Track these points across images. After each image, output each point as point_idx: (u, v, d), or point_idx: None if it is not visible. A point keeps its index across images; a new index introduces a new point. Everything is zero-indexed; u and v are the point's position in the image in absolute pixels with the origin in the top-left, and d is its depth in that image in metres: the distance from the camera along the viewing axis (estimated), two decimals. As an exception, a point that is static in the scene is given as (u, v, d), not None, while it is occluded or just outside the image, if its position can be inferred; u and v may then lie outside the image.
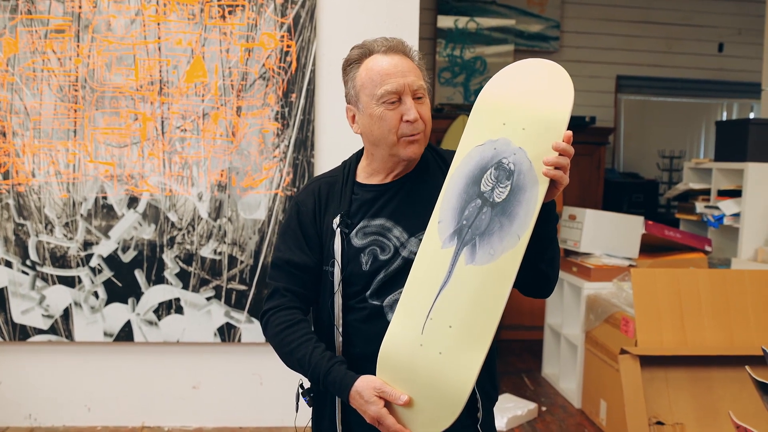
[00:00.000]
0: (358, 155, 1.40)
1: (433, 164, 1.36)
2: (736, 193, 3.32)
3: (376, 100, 1.25)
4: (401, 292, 1.25)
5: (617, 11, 5.87)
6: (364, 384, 1.18)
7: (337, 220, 1.31)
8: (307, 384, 1.36)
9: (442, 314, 1.14)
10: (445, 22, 5.75)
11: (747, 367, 1.39)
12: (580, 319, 3.21)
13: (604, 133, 5.43)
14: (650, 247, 3.48)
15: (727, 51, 6.00)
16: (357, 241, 1.30)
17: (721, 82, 6.07)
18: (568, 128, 1.11)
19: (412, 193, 1.32)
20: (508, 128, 1.17)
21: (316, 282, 1.34)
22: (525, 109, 1.15)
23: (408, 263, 1.26)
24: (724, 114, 6.33)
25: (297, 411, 1.37)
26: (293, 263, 1.33)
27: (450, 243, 1.16)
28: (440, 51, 5.77)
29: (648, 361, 2.31)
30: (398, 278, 1.27)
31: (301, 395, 1.35)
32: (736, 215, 3.26)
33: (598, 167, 5.37)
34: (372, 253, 1.29)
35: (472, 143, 1.21)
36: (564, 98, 1.11)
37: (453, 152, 1.39)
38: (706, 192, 3.61)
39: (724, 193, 3.42)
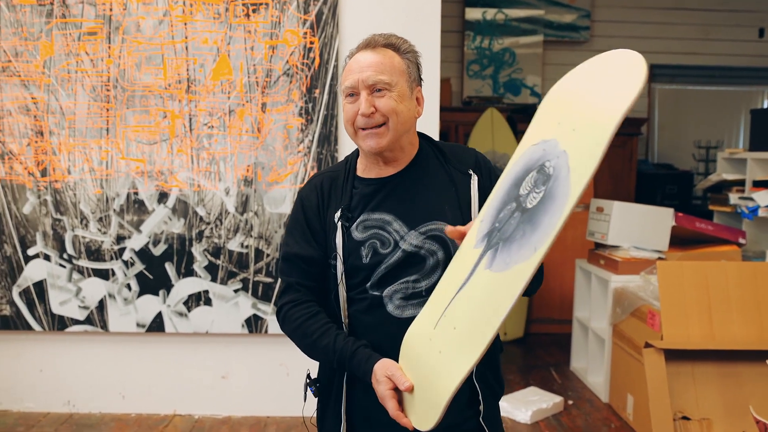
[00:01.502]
0: (358, 152, 1.41)
1: (432, 158, 1.37)
2: (769, 184, 3.24)
3: (342, 96, 1.32)
4: (401, 283, 1.28)
5: (650, -2, 5.74)
6: (380, 365, 1.20)
7: (338, 214, 1.33)
8: (314, 374, 1.39)
9: (453, 314, 1.11)
10: (473, 14, 5.71)
11: None
12: (608, 313, 3.18)
13: (636, 123, 5.33)
14: (682, 240, 3.42)
15: (768, 36, 5.82)
16: (357, 235, 1.31)
17: (762, 68, 5.89)
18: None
19: (411, 186, 1.34)
20: (561, 128, 1.05)
21: (325, 274, 1.36)
22: (580, 109, 1.02)
23: (408, 256, 1.29)
24: (765, 102, 6.14)
25: (305, 401, 1.40)
26: (303, 257, 1.35)
27: (480, 244, 1.11)
28: (468, 43, 5.74)
29: (674, 355, 2.29)
30: (398, 270, 1.29)
31: (307, 386, 1.38)
32: (771, 206, 3.18)
33: (630, 159, 5.27)
34: (372, 247, 1.30)
35: (528, 141, 1.12)
36: (620, 99, 0.93)
37: (456, 147, 1.41)
38: (741, 183, 3.53)
39: (759, 184, 3.33)
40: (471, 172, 1.35)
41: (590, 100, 1.00)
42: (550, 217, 0.96)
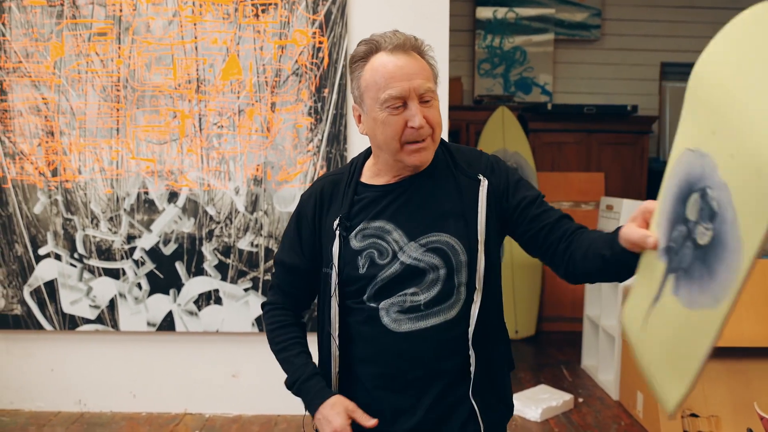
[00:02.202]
0: (367, 153, 1.34)
1: (442, 164, 1.29)
2: (781, 181, 3.21)
3: (380, 104, 1.18)
4: (399, 296, 1.22)
5: (660, -4, 5.72)
6: (339, 400, 1.23)
7: (336, 222, 1.27)
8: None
9: (654, 323, 1.00)
10: (483, 12, 5.71)
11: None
12: (618, 311, 3.16)
13: (647, 121, 5.31)
14: (692, 238, 3.39)
15: (779, 34, 5.77)
16: (355, 243, 1.25)
17: (772, 66, 5.84)
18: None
19: (415, 195, 1.26)
20: (716, 142, 0.87)
21: (310, 284, 1.34)
22: (737, 120, 0.81)
23: (406, 269, 1.22)
24: (776, 100, 6.09)
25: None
26: (286, 265, 1.33)
27: (662, 257, 0.98)
28: (479, 42, 5.74)
29: (683, 353, 2.28)
30: (395, 283, 1.23)
31: None
32: (781, 204, 3.15)
33: (641, 156, 5.25)
34: (369, 256, 1.24)
35: (685, 141, 0.96)
36: None
37: (467, 150, 1.32)
38: (751, 180, 3.50)
39: (769, 182, 3.31)
40: (480, 177, 1.27)
41: (750, 108, 0.78)
42: (726, 270, 0.84)
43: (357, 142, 2.89)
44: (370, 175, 1.30)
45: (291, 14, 2.81)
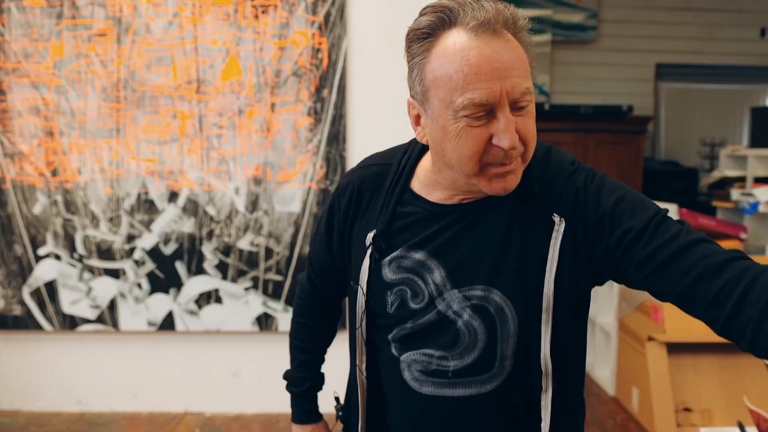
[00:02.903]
0: (424, 147, 1.02)
1: (519, 186, 0.92)
2: (773, 180, 3.26)
3: (454, 110, 0.85)
4: (424, 354, 0.97)
5: (655, -2, 5.77)
6: (319, 428, 1.26)
7: (370, 236, 1.00)
8: (342, 398, 1.23)
9: None
10: (478, 14, 5.75)
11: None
12: (614, 308, 3.20)
13: (642, 121, 5.36)
14: (687, 236, 3.43)
15: (771, 35, 5.84)
16: (388, 274, 1.00)
17: (764, 67, 5.91)
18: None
19: (476, 228, 0.95)
20: None
21: (342, 282, 1.14)
22: None
23: (443, 320, 0.95)
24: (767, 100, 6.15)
25: (336, 421, 1.24)
26: (315, 260, 1.17)
27: None
28: (474, 43, 5.77)
29: (676, 348, 2.31)
30: (424, 335, 0.97)
31: (337, 411, 1.22)
32: (774, 202, 3.20)
33: (637, 156, 5.30)
34: (400, 295, 0.99)
35: None
36: None
37: (557, 164, 0.95)
38: (743, 179, 3.55)
39: (759, 180, 3.36)
40: (555, 217, 0.91)
41: None
42: None
43: (357, 143, 2.91)
44: (423, 182, 1.00)
45: (290, 15, 2.83)
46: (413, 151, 1.03)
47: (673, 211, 3.30)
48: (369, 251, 1.00)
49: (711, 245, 0.83)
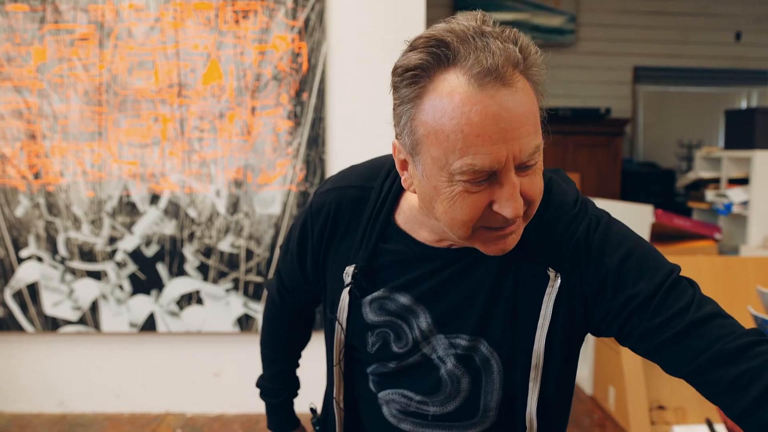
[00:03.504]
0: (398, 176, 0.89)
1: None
2: (744, 181, 3.35)
3: (450, 173, 0.73)
4: (402, 396, 0.92)
5: (633, 2, 5.87)
6: None
7: (349, 271, 0.91)
8: (318, 408, 1.20)
9: None
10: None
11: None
12: (590, 308, 3.26)
13: (620, 124, 5.46)
14: (662, 236, 3.52)
15: (745, 39, 5.96)
16: (369, 315, 0.92)
17: (739, 70, 6.04)
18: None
19: (466, 275, 0.87)
20: None
21: (314, 298, 1.09)
22: None
23: (427, 363, 0.89)
24: (744, 102, 6.28)
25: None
26: (285, 280, 1.10)
27: None
28: (456, 46, 5.84)
29: (649, 347, 2.38)
30: (408, 376, 0.91)
31: (314, 424, 1.18)
32: (745, 203, 3.29)
33: (615, 158, 5.39)
34: (382, 337, 0.92)
35: None
36: None
37: (556, 208, 0.85)
38: (717, 180, 3.64)
39: (734, 182, 3.45)
40: (551, 272, 0.83)
41: None
42: None
43: (336, 146, 2.96)
44: (408, 218, 0.90)
45: (271, 20, 2.87)
46: (393, 184, 0.91)
47: (649, 212, 3.38)
48: (348, 288, 0.91)
49: (726, 320, 0.76)
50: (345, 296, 0.92)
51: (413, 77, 0.73)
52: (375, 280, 0.91)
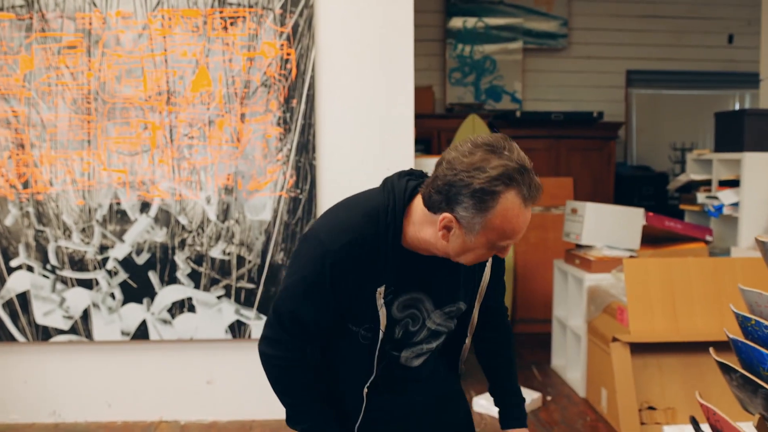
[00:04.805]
0: (398, 214, 1.27)
1: None
2: (735, 183, 3.35)
3: (489, 244, 1.22)
4: (417, 347, 1.41)
5: (625, 6, 5.89)
6: None
7: (381, 291, 1.28)
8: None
9: None
10: (454, 23, 5.83)
11: (711, 348, 1.45)
12: (583, 311, 3.26)
13: (613, 127, 5.46)
14: (654, 239, 3.52)
15: (737, 42, 5.98)
16: (396, 313, 1.34)
17: (732, 73, 6.05)
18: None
19: (443, 266, 1.32)
20: None
21: (325, 336, 1.37)
22: None
23: (431, 333, 1.39)
24: (736, 105, 6.29)
25: None
26: (319, 325, 1.32)
27: None
28: (450, 51, 5.86)
29: (640, 349, 2.38)
30: (419, 341, 1.40)
31: None
32: (735, 205, 3.29)
33: (608, 161, 5.40)
34: (405, 325, 1.36)
35: None
36: None
37: None
38: (708, 183, 3.64)
39: (724, 183, 3.45)
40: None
41: None
42: None
43: (326, 151, 2.96)
44: (413, 242, 1.29)
45: (259, 27, 2.87)
46: (391, 222, 1.27)
47: (640, 214, 3.38)
48: (382, 302, 1.30)
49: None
50: (383, 311, 1.30)
51: (492, 194, 1.15)
52: (398, 288, 1.32)
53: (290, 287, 1.31)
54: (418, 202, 1.26)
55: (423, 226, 1.26)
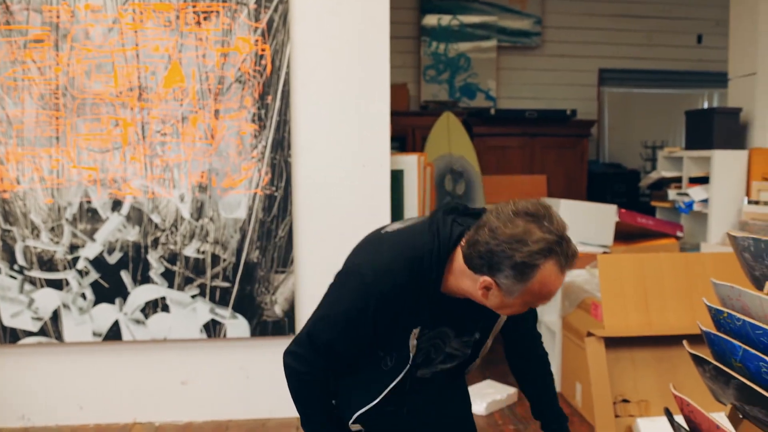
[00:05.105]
0: (441, 263, 1.36)
1: None
2: (705, 180, 3.41)
3: (525, 303, 1.31)
4: (432, 367, 1.54)
5: (598, 5, 5.97)
6: None
7: (416, 333, 1.43)
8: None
9: None
10: (428, 20, 5.84)
11: (684, 341, 1.47)
12: (557, 306, 3.29)
13: (586, 125, 5.53)
14: (626, 235, 3.57)
15: (706, 42, 6.10)
16: (423, 345, 1.48)
17: (701, 72, 6.17)
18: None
19: (465, 305, 1.43)
20: None
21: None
22: None
23: (447, 356, 1.53)
24: (705, 104, 6.42)
25: None
26: (350, 353, 1.45)
27: None
28: (424, 49, 5.86)
29: (614, 343, 2.40)
30: (437, 363, 1.54)
31: None
32: (705, 201, 3.35)
33: (581, 159, 5.46)
34: (426, 352, 1.49)
35: None
36: None
37: None
38: (679, 180, 3.70)
39: (695, 180, 3.51)
40: None
41: None
42: None
43: (301, 148, 2.93)
44: (452, 289, 1.40)
45: (233, 22, 2.84)
46: (438, 261, 1.35)
47: (613, 211, 3.43)
48: (415, 342, 1.43)
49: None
50: (413, 345, 1.44)
51: (533, 267, 1.23)
52: (431, 325, 1.45)
53: (330, 318, 1.40)
54: (460, 252, 1.34)
55: (463, 277, 1.35)
